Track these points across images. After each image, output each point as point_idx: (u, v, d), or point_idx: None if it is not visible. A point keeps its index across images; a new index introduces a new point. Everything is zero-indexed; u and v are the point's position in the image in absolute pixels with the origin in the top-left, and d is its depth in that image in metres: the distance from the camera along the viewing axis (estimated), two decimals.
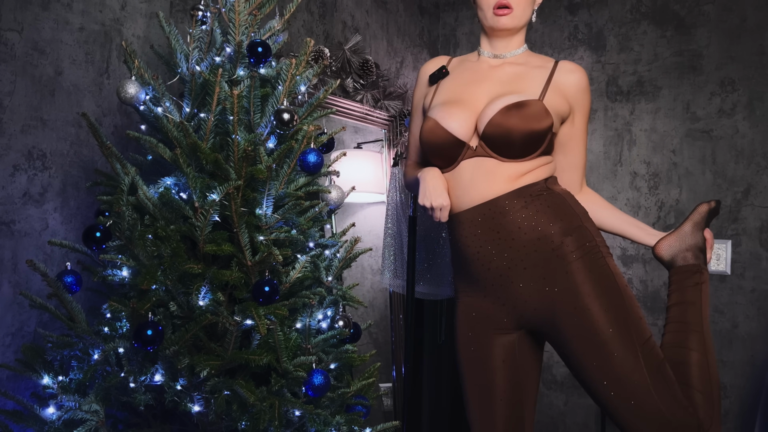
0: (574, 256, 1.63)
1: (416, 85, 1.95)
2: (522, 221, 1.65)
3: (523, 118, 1.65)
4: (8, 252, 2.03)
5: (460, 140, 1.71)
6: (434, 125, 1.74)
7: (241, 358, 1.69)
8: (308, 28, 3.04)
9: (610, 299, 1.62)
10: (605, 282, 1.63)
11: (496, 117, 1.66)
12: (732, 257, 2.99)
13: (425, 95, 1.89)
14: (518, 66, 1.79)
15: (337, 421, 1.82)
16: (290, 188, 1.87)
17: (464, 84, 1.80)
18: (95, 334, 1.70)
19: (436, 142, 1.74)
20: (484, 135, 1.68)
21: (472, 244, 1.70)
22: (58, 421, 1.65)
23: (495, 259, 1.67)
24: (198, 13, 1.94)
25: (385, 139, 3.32)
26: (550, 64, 1.79)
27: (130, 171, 1.75)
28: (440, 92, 1.83)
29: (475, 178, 1.70)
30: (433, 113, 1.77)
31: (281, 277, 1.81)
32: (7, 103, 2.02)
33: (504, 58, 1.81)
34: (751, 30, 3.00)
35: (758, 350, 2.90)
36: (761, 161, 2.95)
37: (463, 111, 1.72)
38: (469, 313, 1.75)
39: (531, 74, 1.77)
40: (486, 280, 1.70)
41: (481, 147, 1.70)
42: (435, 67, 1.89)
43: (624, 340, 1.58)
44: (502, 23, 1.75)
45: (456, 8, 3.85)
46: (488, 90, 1.75)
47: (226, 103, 1.77)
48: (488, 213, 1.68)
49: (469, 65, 1.85)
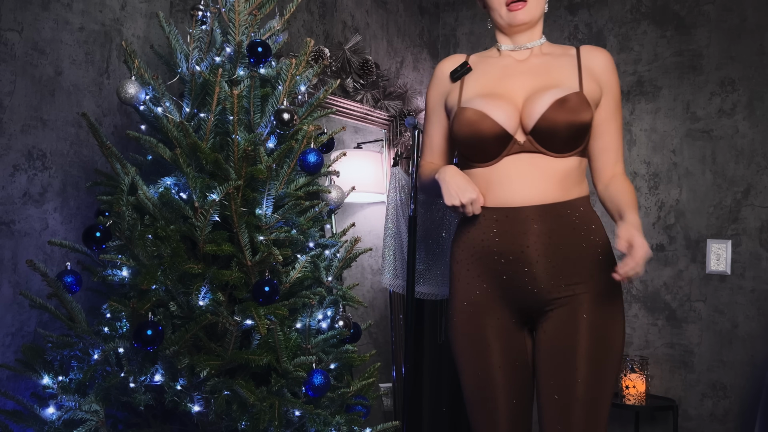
0: (602, 290, 1.64)
1: (432, 83, 1.86)
2: (573, 232, 1.64)
3: (571, 112, 1.62)
4: (8, 252, 2.03)
5: (508, 134, 1.64)
6: (479, 116, 1.65)
7: (241, 358, 1.69)
8: (308, 28, 3.04)
9: (604, 364, 1.63)
10: (611, 340, 1.65)
11: (549, 112, 1.61)
12: (732, 257, 2.99)
13: (447, 93, 1.81)
14: (544, 57, 1.75)
15: (337, 421, 1.82)
16: (290, 188, 1.87)
17: (495, 78, 1.74)
18: (95, 334, 1.70)
19: (481, 134, 1.65)
20: (534, 130, 1.63)
21: (505, 241, 1.65)
22: (58, 421, 1.65)
23: (537, 261, 1.63)
24: (198, 13, 1.94)
25: (385, 139, 3.31)
26: (572, 51, 1.76)
27: (130, 171, 1.75)
28: (469, 87, 1.75)
29: (521, 174, 1.65)
30: (474, 105, 1.68)
31: (281, 277, 1.81)
32: (7, 103, 2.02)
33: (528, 49, 1.76)
34: (751, 30, 3.00)
35: (758, 350, 2.90)
36: (761, 161, 2.95)
37: (506, 104, 1.66)
38: (469, 301, 1.72)
39: (560, 64, 1.73)
40: (505, 275, 1.66)
41: (529, 142, 1.64)
42: (454, 65, 1.81)
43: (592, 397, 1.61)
44: (519, 18, 1.71)
45: (456, 8, 3.85)
46: (523, 84, 1.70)
47: (226, 103, 1.77)
48: (540, 216, 1.63)
49: (493, 60, 1.79)
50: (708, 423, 3.00)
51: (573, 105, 1.63)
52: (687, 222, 3.09)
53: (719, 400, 2.97)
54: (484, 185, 1.68)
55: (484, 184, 1.68)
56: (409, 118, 2.69)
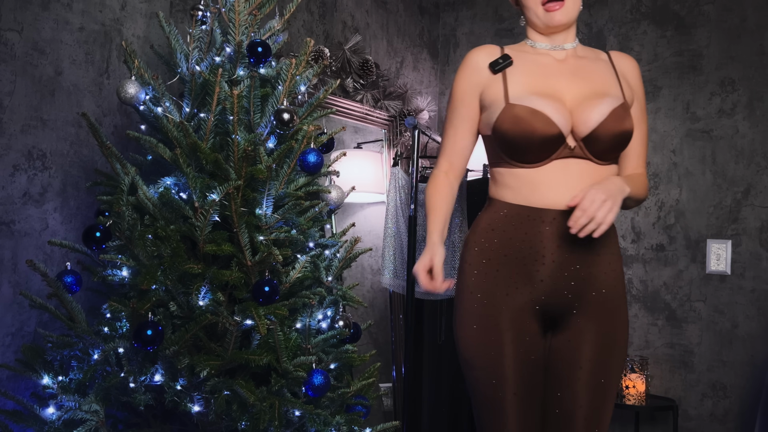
0: (610, 299, 1.65)
1: (463, 72, 1.72)
2: (598, 241, 1.62)
3: (623, 122, 1.61)
4: (8, 252, 2.03)
5: (562, 136, 1.59)
6: (535, 115, 1.58)
7: (241, 358, 1.69)
8: (308, 28, 3.04)
9: (617, 370, 1.66)
10: (618, 349, 1.66)
11: (607, 121, 1.59)
12: (732, 257, 2.99)
13: (484, 85, 1.69)
14: (581, 59, 1.72)
15: (337, 421, 1.82)
16: (290, 188, 1.87)
17: (540, 77, 1.67)
18: (95, 334, 1.70)
19: (533, 134, 1.57)
20: (589, 137, 1.60)
21: (548, 244, 1.61)
22: (58, 421, 1.65)
23: (571, 267, 1.62)
24: (198, 13, 1.94)
25: (385, 139, 3.31)
26: (604, 56, 1.75)
27: (130, 171, 1.75)
28: (515, 82, 1.65)
29: (570, 179, 1.60)
30: (528, 102, 1.60)
31: (281, 277, 1.81)
32: (7, 103, 2.02)
33: (565, 50, 1.72)
34: (751, 30, 3.00)
35: (758, 350, 2.90)
36: (761, 161, 2.95)
37: (560, 106, 1.61)
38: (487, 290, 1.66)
39: (599, 69, 1.70)
40: (538, 278, 1.63)
41: (579, 148, 1.61)
42: (488, 55, 1.70)
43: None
44: (557, 19, 1.66)
45: (456, 8, 3.85)
46: (569, 86, 1.65)
47: (226, 103, 1.77)
48: (558, 219, 1.60)
49: (530, 57, 1.72)
50: (708, 423, 3.00)
51: (624, 115, 1.62)
52: (687, 222, 3.09)
53: (719, 400, 2.97)
54: (529, 187, 1.63)
55: (530, 186, 1.62)
56: (409, 118, 2.69)
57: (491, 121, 1.65)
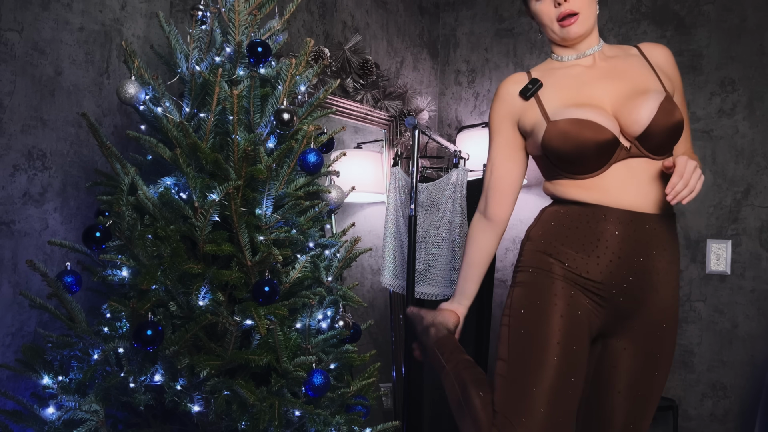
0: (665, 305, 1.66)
1: (496, 105, 1.74)
2: (665, 243, 1.62)
3: (672, 115, 1.60)
4: (8, 252, 2.03)
5: (617, 139, 1.58)
6: (580, 125, 1.56)
7: (241, 358, 1.69)
8: (308, 28, 3.04)
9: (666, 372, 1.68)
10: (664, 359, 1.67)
11: (658, 116, 1.57)
12: (732, 257, 2.99)
13: (519, 113, 1.70)
14: (611, 60, 1.71)
15: (337, 421, 1.82)
16: (290, 188, 1.87)
17: (573, 88, 1.66)
18: (95, 334, 1.70)
19: (584, 144, 1.56)
20: (643, 135, 1.58)
21: (619, 239, 1.60)
22: (58, 421, 1.65)
23: (635, 260, 1.59)
24: (198, 13, 1.94)
25: (385, 139, 3.32)
26: (634, 50, 1.74)
27: (130, 171, 1.75)
28: (550, 101, 1.66)
29: (633, 179, 1.59)
30: (567, 115, 1.60)
31: (281, 277, 1.81)
32: (7, 103, 2.02)
33: (593, 55, 1.71)
34: (751, 30, 3.00)
35: (758, 350, 2.90)
36: (761, 161, 2.95)
37: (602, 111, 1.60)
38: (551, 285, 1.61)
39: (632, 65, 1.69)
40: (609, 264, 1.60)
41: (636, 147, 1.59)
42: (515, 84, 1.72)
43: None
44: (574, 32, 1.66)
45: (456, 8, 3.85)
46: (606, 90, 1.64)
47: (226, 103, 1.77)
48: (640, 222, 1.59)
49: (559, 72, 1.71)
50: (708, 423, 3.00)
51: (673, 108, 1.61)
52: (687, 222, 3.09)
53: (719, 400, 2.97)
54: (597, 193, 1.60)
55: (598, 192, 1.60)
56: (409, 118, 2.69)
57: (538, 142, 1.64)
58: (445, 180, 3.02)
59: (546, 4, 1.67)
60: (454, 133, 3.70)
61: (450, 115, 3.84)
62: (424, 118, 3.45)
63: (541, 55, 3.55)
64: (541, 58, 3.54)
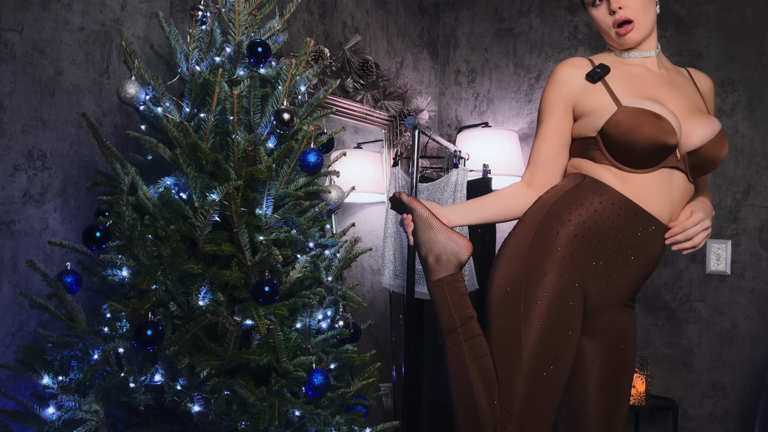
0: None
1: (553, 86, 1.69)
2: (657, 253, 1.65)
3: (723, 147, 1.63)
4: (8, 252, 2.03)
5: (677, 146, 1.58)
6: (660, 119, 1.54)
7: (241, 358, 1.69)
8: (308, 28, 3.04)
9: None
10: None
11: (716, 140, 1.60)
12: (732, 257, 2.99)
13: (578, 95, 1.66)
14: (670, 71, 1.72)
15: (337, 421, 1.82)
16: (290, 188, 1.87)
17: (639, 86, 1.64)
18: (95, 334, 1.70)
19: (655, 139, 1.54)
20: (696, 152, 1.59)
21: (640, 245, 1.61)
22: (58, 421, 1.66)
23: (642, 256, 1.62)
24: (198, 13, 1.94)
25: (385, 139, 3.32)
26: (684, 72, 1.76)
27: (130, 171, 1.75)
28: (619, 89, 1.63)
29: (670, 190, 1.60)
30: (644, 105, 1.57)
31: (281, 277, 1.81)
32: (7, 103, 2.02)
33: (654, 57, 1.70)
34: (751, 30, 3.00)
35: (758, 350, 2.90)
36: (761, 161, 2.95)
37: (674, 114, 1.59)
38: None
39: (687, 84, 1.71)
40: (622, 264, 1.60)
41: (683, 160, 1.60)
42: (577, 68, 1.68)
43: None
44: (631, 39, 1.65)
45: (456, 8, 3.85)
46: (671, 98, 1.64)
47: (226, 103, 1.77)
48: (660, 230, 1.61)
49: (623, 67, 1.69)
50: (708, 423, 3.00)
51: (725, 141, 1.63)
52: None
53: (719, 400, 2.97)
54: (644, 191, 1.59)
55: (645, 190, 1.59)
56: (409, 118, 2.69)
57: (597, 124, 1.61)
58: (445, 180, 3.02)
59: (602, 12, 1.66)
60: (454, 133, 3.70)
61: (450, 115, 3.84)
62: (424, 118, 3.45)
63: (541, 55, 3.55)
64: (541, 58, 3.55)
